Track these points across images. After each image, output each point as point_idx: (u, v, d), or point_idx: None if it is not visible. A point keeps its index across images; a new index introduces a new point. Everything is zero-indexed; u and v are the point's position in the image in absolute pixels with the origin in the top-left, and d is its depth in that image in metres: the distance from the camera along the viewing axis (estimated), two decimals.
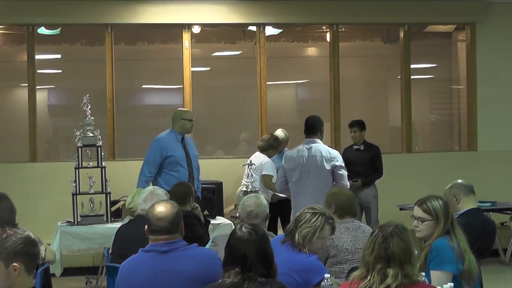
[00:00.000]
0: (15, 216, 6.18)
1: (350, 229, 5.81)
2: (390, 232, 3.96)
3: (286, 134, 10.15)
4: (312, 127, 7.98)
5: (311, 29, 12.10)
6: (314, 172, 7.78)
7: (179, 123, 8.88)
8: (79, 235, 8.66)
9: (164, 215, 4.44)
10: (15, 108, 11.73)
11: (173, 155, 8.74)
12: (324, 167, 7.75)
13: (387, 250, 3.91)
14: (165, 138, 8.86)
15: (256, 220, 5.67)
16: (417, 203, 5.06)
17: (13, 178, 10.19)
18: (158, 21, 10.67)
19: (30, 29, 10.47)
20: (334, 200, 5.98)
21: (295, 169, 7.88)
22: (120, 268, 4.58)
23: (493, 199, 10.01)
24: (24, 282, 4.04)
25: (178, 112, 9.07)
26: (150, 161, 8.76)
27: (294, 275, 4.78)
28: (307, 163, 7.81)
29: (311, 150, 7.81)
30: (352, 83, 12.40)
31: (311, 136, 7.94)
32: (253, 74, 11.07)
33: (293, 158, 7.91)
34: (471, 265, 4.85)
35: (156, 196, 6.11)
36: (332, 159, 7.78)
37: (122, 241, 6.16)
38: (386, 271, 3.89)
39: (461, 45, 11.97)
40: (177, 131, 8.90)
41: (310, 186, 7.74)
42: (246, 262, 3.99)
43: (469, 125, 11.51)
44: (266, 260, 4.04)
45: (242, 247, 4.03)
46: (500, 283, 9.18)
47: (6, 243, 4.04)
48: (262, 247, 4.06)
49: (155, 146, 8.81)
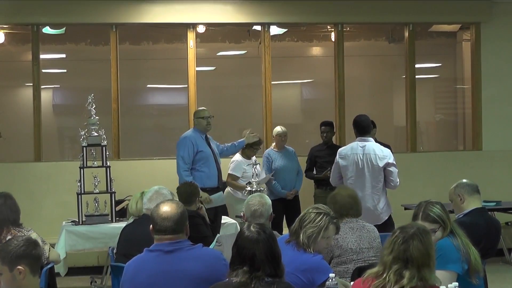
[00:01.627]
0: (19, 216, 6.19)
1: (354, 229, 5.82)
2: (411, 234, 3.95)
3: (282, 129, 10.09)
4: (367, 126, 8.26)
5: (316, 29, 12.10)
6: (369, 169, 8.02)
7: (196, 122, 9.07)
8: (84, 235, 8.67)
9: (169, 214, 4.44)
10: (20, 108, 11.74)
11: (203, 151, 8.85)
12: (378, 164, 7.99)
13: (406, 252, 3.90)
14: (192, 135, 8.99)
15: (260, 219, 5.67)
16: (420, 218, 5.01)
17: (18, 177, 10.20)
18: (162, 20, 10.67)
19: (34, 28, 10.48)
20: (331, 203, 5.97)
21: (350, 166, 8.11)
22: (125, 267, 4.58)
23: (497, 198, 10.00)
24: (30, 284, 4.04)
25: (195, 112, 9.29)
26: (185, 156, 8.81)
27: (299, 275, 4.79)
28: (362, 161, 8.06)
29: (365, 149, 8.07)
30: (357, 83, 12.39)
31: (364, 135, 8.20)
32: (258, 73, 11.07)
33: (348, 155, 8.15)
34: (476, 260, 4.86)
35: (161, 195, 6.11)
36: (385, 157, 8.03)
37: (126, 241, 6.18)
38: (402, 273, 3.87)
39: (466, 44, 11.95)
40: (198, 129, 9.03)
41: (364, 183, 8.01)
42: (255, 261, 3.99)
43: (474, 124, 11.50)
44: (274, 260, 4.04)
45: (251, 247, 4.02)
46: (505, 282, 9.17)
47: (8, 247, 4.05)
48: (271, 247, 4.05)
49: (184, 143, 8.89)
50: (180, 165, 8.78)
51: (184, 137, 8.97)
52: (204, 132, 9.03)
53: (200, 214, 7.13)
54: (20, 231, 5.98)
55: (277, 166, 9.91)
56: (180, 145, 8.89)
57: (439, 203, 5.07)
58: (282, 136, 10.03)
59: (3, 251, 4.04)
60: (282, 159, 9.99)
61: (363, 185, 7.97)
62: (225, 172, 9.50)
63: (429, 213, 4.97)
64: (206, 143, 8.96)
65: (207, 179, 8.75)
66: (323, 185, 10.04)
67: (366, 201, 7.81)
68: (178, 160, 8.81)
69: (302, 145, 10.71)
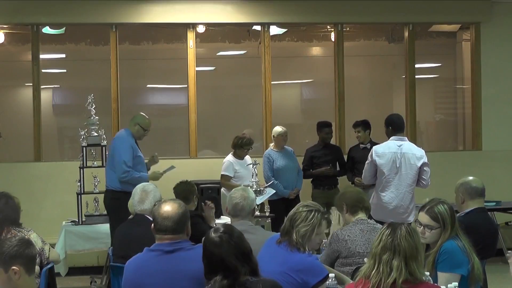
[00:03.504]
0: (19, 216, 6.19)
1: (364, 231, 5.75)
2: (399, 226, 3.99)
3: (283, 128, 10.10)
4: (402, 125, 8.36)
5: (315, 29, 12.09)
6: (406, 168, 8.08)
7: (135, 128, 8.63)
8: (84, 235, 8.68)
9: (169, 214, 4.43)
10: (19, 108, 11.73)
11: (140, 156, 8.56)
12: (416, 164, 8.06)
13: (394, 241, 3.92)
14: (131, 140, 8.59)
15: (241, 213, 5.66)
16: (423, 209, 5.04)
17: (17, 177, 10.19)
18: (162, 20, 10.67)
19: (34, 28, 10.48)
20: (343, 200, 5.98)
21: (386, 164, 8.13)
22: (125, 267, 4.58)
23: (497, 198, 9.99)
24: (26, 284, 4.04)
25: (140, 118, 8.82)
26: (127, 161, 8.44)
27: (293, 275, 4.73)
28: (400, 160, 8.11)
29: (402, 148, 8.12)
30: (357, 83, 12.39)
31: (400, 134, 8.26)
32: (258, 73, 11.07)
33: (385, 154, 8.17)
34: (477, 268, 4.86)
35: (149, 193, 6.11)
36: (422, 157, 8.10)
37: (122, 242, 6.15)
38: (391, 264, 3.90)
39: (466, 44, 11.95)
40: (132, 133, 8.65)
41: (400, 182, 8.08)
42: (227, 266, 3.93)
43: (474, 124, 11.50)
44: (245, 257, 3.97)
45: (217, 252, 3.97)
46: (504, 282, 9.12)
47: (1, 248, 4.04)
48: (237, 246, 3.99)
49: (126, 147, 8.51)
50: (123, 169, 8.33)
51: (125, 141, 8.51)
52: (136, 139, 8.67)
53: (198, 213, 7.13)
54: (20, 231, 5.98)
55: (279, 166, 9.93)
56: (122, 149, 8.46)
57: (450, 206, 5.06)
58: (283, 136, 10.04)
59: None
60: (283, 159, 10.01)
61: (399, 184, 8.05)
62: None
63: (434, 209, 4.98)
64: (138, 148, 8.64)
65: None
66: (321, 185, 10.20)
67: (400, 199, 7.99)
68: (121, 164, 8.34)
69: (301, 145, 10.70)
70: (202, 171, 10.19)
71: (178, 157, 10.80)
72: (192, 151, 10.77)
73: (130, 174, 8.29)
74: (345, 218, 5.97)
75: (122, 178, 8.28)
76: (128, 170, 8.29)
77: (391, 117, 8.43)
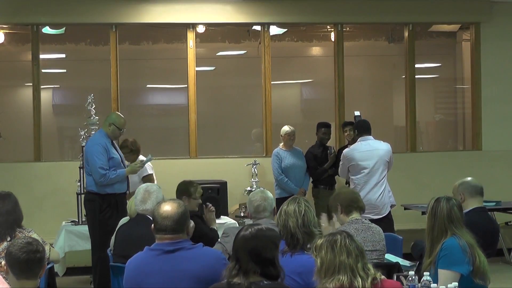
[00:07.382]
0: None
1: (360, 230, 5.79)
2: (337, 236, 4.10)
3: (291, 128, 10.18)
4: (368, 127, 8.83)
5: (315, 29, 12.10)
6: (380, 165, 8.60)
7: (110, 128, 8.32)
8: (84, 235, 8.66)
9: (169, 214, 4.44)
10: (19, 108, 11.73)
11: (114, 157, 8.26)
12: (386, 160, 8.65)
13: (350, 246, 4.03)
14: (103, 141, 8.30)
15: (264, 213, 5.73)
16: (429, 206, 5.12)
17: (17, 177, 10.19)
18: (162, 20, 10.67)
19: (34, 28, 10.48)
20: (337, 201, 5.99)
21: (362, 162, 8.60)
22: (126, 266, 4.59)
23: (497, 198, 9.99)
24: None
25: (115, 117, 8.52)
26: (104, 165, 8.18)
27: (295, 277, 4.73)
28: (374, 157, 8.59)
29: (373, 145, 8.67)
30: (357, 83, 12.39)
31: (368, 133, 8.77)
32: (258, 73, 11.07)
33: (362, 153, 8.61)
34: (482, 262, 4.87)
35: (153, 194, 6.11)
36: (390, 151, 8.73)
37: (123, 241, 6.15)
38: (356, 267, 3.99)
39: (466, 44, 11.95)
40: (106, 133, 8.35)
41: (376, 178, 8.56)
42: (240, 260, 3.96)
43: (474, 124, 11.50)
44: (258, 258, 3.97)
45: (235, 246, 4.01)
46: (504, 282, 9.16)
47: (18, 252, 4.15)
48: (254, 244, 3.99)
49: (98, 151, 8.22)
50: (100, 173, 8.06)
51: (96, 143, 8.22)
52: (112, 139, 8.43)
53: (198, 213, 7.12)
54: (21, 232, 5.99)
55: (287, 165, 10.04)
56: (94, 153, 8.17)
57: (459, 205, 5.15)
58: (290, 135, 10.14)
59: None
60: (292, 158, 10.12)
61: (373, 181, 8.53)
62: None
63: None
64: (113, 148, 8.38)
65: (118, 185, 8.23)
66: (321, 184, 10.29)
67: (374, 193, 8.46)
68: (96, 169, 8.08)
69: (302, 145, 10.69)
70: (202, 171, 10.19)
71: (178, 157, 10.81)
72: (192, 151, 10.77)
73: (107, 176, 8.09)
74: (339, 218, 5.99)
75: (100, 182, 8.11)
76: (104, 174, 8.10)
77: (358, 122, 9.17)
